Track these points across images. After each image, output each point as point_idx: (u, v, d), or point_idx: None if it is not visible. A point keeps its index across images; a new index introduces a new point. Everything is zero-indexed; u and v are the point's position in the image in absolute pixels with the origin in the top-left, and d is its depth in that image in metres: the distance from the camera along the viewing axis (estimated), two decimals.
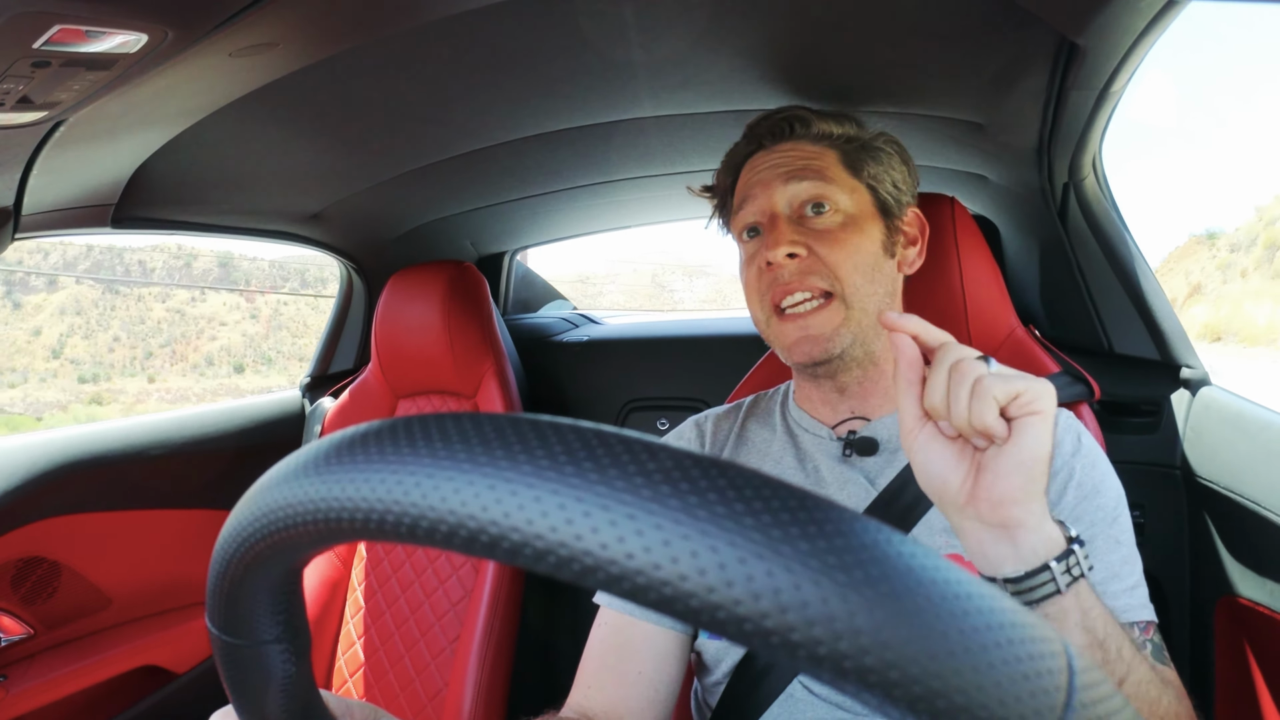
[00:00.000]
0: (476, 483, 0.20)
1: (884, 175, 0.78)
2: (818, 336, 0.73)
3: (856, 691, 0.19)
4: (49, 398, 37.05)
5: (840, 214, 0.75)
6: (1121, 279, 1.04)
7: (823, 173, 0.76)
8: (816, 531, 0.19)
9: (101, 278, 41.73)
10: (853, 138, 0.80)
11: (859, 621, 0.18)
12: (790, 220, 0.76)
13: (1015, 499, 0.48)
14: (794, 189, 0.76)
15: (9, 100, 0.63)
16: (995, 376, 0.48)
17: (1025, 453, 0.48)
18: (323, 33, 0.72)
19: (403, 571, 1.30)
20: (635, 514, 0.19)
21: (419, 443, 0.22)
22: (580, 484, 0.20)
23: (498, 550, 0.20)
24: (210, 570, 0.29)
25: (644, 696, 0.72)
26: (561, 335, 1.74)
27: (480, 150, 1.16)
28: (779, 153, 0.79)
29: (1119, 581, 0.69)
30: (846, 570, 0.19)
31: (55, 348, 40.17)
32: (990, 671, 0.19)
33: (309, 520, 0.24)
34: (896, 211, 0.79)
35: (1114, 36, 0.69)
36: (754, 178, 0.79)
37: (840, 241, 0.74)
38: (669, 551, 0.19)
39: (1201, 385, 1.02)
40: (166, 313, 42.57)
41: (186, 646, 1.31)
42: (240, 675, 0.32)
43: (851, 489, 0.74)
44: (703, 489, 0.20)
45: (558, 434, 0.21)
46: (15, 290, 40.87)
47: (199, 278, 42.81)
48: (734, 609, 0.19)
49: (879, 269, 0.76)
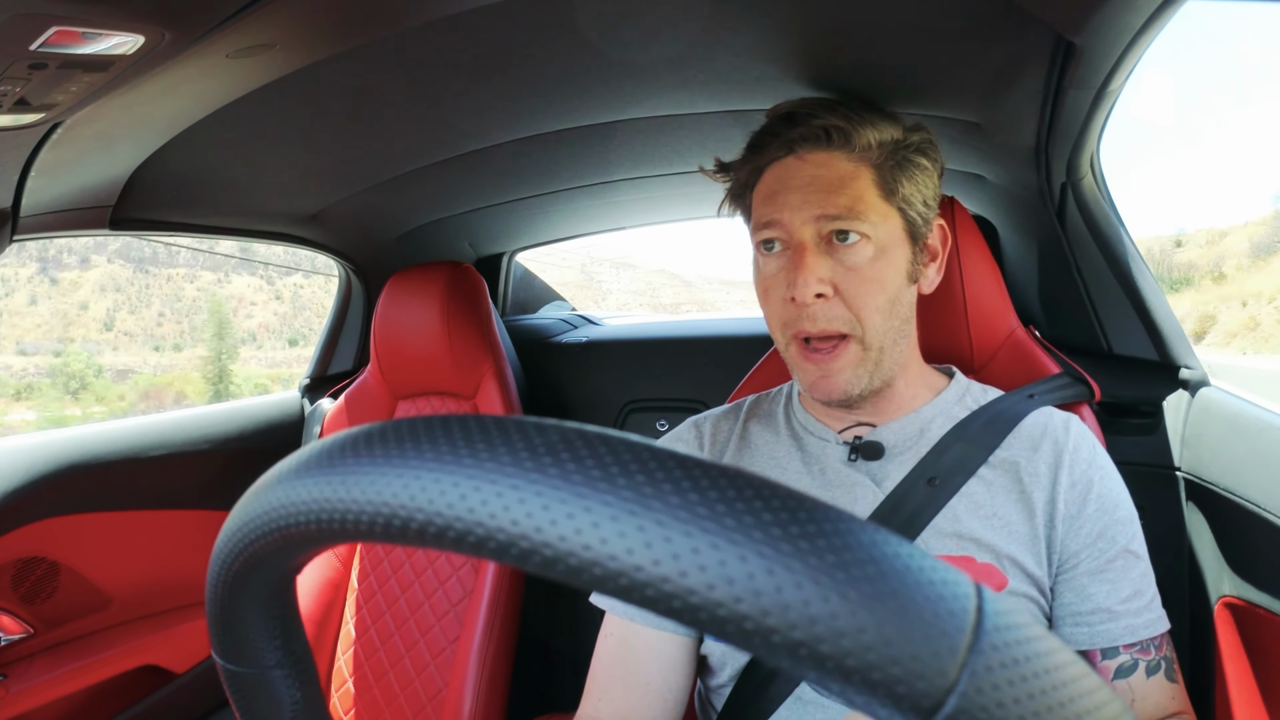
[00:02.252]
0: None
1: (915, 195, 0.74)
2: (836, 380, 0.72)
3: (763, 654, 0.19)
4: (161, 360, 38.08)
5: (871, 246, 0.71)
6: (1120, 279, 1.04)
7: (857, 200, 0.70)
8: (718, 495, 0.20)
9: (131, 257, 42.33)
10: (894, 146, 0.73)
11: (759, 584, 0.19)
12: (818, 252, 0.71)
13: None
14: (825, 218, 0.70)
15: (6, 102, 0.63)
16: None
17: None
18: (320, 34, 0.72)
19: (403, 572, 1.30)
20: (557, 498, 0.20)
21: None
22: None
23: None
24: (206, 591, 0.29)
25: (653, 705, 0.71)
26: (560, 336, 1.74)
27: (479, 151, 1.16)
28: (811, 165, 0.72)
29: (1140, 598, 0.70)
30: (746, 530, 0.19)
31: (106, 321, 41.08)
32: (881, 616, 0.18)
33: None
34: (924, 231, 0.75)
35: (1111, 35, 0.69)
36: (781, 191, 0.73)
37: (867, 280, 0.71)
38: (599, 532, 0.20)
39: (1201, 386, 1.01)
40: (197, 292, 43.35)
41: (186, 646, 1.31)
42: (250, 705, 0.32)
43: (858, 492, 0.74)
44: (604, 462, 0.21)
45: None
46: (50, 267, 41.55)
47: (222, 261, 43.46)
48: (635, 575, 0.19)
49: (899, 301, 0.73)
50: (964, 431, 0.75)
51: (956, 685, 0.18)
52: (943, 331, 0.94)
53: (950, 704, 0.18)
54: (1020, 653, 0.19)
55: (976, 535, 0.70)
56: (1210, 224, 34.47)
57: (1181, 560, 1.00)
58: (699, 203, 1.61)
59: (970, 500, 0.72)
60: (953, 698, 0.18)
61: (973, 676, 0.18)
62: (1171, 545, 1.01)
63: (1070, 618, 0.69)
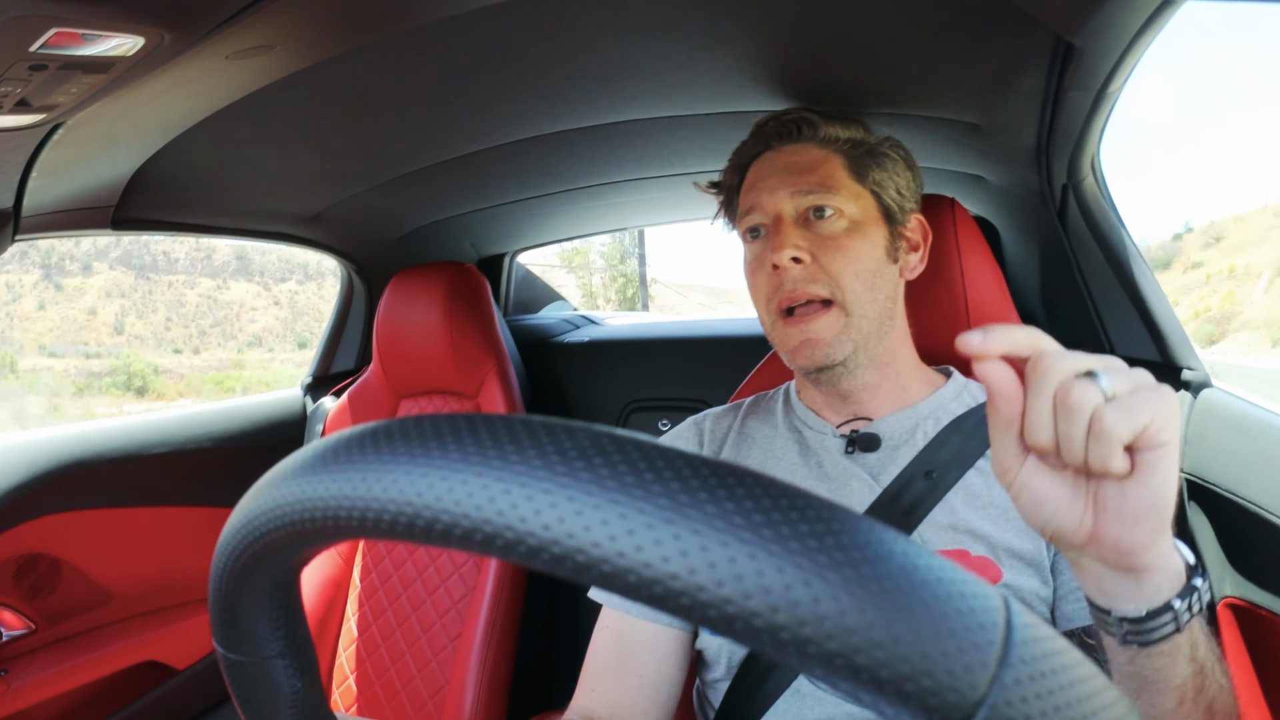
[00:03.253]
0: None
1: (888, 181, 0.78)
2: (818, 341, 0.74)
3: (777, 656, 0.19)
4: (183, 361, 39.09)
5: (844, 219, 0.76)
6: (1122, 280, 1.04)
7: (828, 178, 0.76)
8: (754, 505, 0.20)
9: (132, 264, 42.78)
10: (859, 142, 0.80)
11: (795, 595, 0.19)
12: (795, 224, 0.76)
13: (1144, 545, 0.41)
14: (799, 192, 0.76)
15: (7, 103, 0.63)
16: (1116, 408, 0.39)
17: (1154, 492, 0.40)
18: (320, 35, 0.72)
19: (404, 569, 1.30)
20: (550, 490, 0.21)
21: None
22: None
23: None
24: (210, 581, 0.29)
25: (647, 698, 0.72)
26: (563, 336, 1.74)
27: (480, 152, 1.16)
28: (786, 154, 0.79)
29: None
30: (784, 542, 0.19)
31: (116, 325, 41.64)
32: (914, 628, 0.19)
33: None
34: (900, 218, 0.79)
35: (1111, 36, 0.69)
36: (760, 180, 0.79)
37: (843, 248, 0.75)
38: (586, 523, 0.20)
39: (1203, 387, 1.01)
40: (198, 298, 43.77)
41: (187, 642, 1.32)
42: (249, 694, 0.33)
43: (855, 485, 0.74)
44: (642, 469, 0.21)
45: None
46: (53, 274, 42.03)
47: (219, 269, 43.90)
48: (644, 572, 0.19)
49: (880, 275, 0.76)
50: (962, 425, 0.75)
51: (987, 697, 0.19)
52: (944, 332, 0.94)
53: (980, 716, 0.19)
54: (1047, 665, 0.20)
55: (973, 527, 0.70)
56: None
57: None
58: (699, 204, 1.61)
59: (967, 492, 0.72)
60: (983, 710, 0.19)
61: (1002, 689, 0.19)
62: None
63: (1071, 594, 0.69)
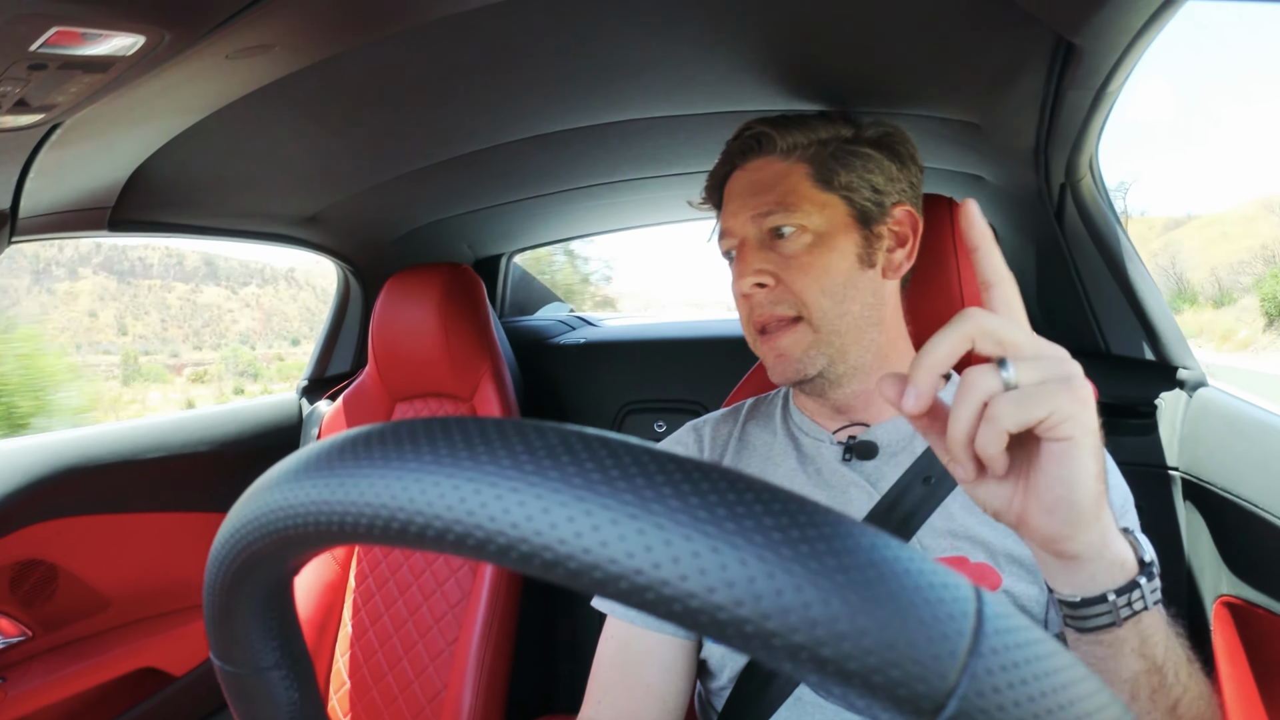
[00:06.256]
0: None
1: (859, 182, 0.75)
2: (788, 356, 0.74)
3: (747, 649, 0.19)
4: (204, 357, 40.08)
5: (808, 234, 0.74)
6: (1118, 280, 1.04)
7: (788, 194, 0.75)
8: (718, 499, 0.20)
9: (114, 270, 43.15)
10: (827, 141, 0.77)
11: (759, 587, 0.19)
12: (758, 247, 0.75)
13: (1065, 534, 0.42)
14: (759, 215, 0.75)
15: (6, 103, 0.63)
16: (1009, 398, 0.40)
17: (1062, 485, 0.41)
18: (319, 35, 0.72)
19: (400, 574, 1.30)
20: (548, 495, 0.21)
21: (380, 447, 0.23)
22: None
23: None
24: (204, 593, 0.29)
25: (653, 708, 0.71)
26: (558, 338, 1.74)
27: (477, 152, 1.16)
28: (750, 171, 0.79)
29: None
30: (748, 534, 0.19)
31: (120, 326, 42.01)
32: (881, 620, 0.19)
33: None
34: (878, 216, 0.76)
35: (1111, 36, 0.69)
36: (728, 202, 0.80)
37: (806, 266, 0.73)
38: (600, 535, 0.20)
39: (1198, 386, 1.02)
40: (179, 301, 44.31)
41: (184, 649, 1.31)
42: (247, 707, 0.32)
43: (853, 492, 0.74)
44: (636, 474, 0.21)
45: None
46: (42, 279, 42.26)
47: (190, 274, 44.49)
48: (636, 578, 0.19)
49: (852, 285, 0.74)
50: None
51: (957, 688, 0.18)
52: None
53: (951, 706, 0.18)
54: (1020, 655, 0.19)
55: (972, 533, 0.70)
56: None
57: (1179, 560, 1.01)
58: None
59: (966, 497, 0.72)
60: (953, 700, 0.18)
61: (973, 679, 0.19)
62: (1169, 545, 1.01)
63: None
